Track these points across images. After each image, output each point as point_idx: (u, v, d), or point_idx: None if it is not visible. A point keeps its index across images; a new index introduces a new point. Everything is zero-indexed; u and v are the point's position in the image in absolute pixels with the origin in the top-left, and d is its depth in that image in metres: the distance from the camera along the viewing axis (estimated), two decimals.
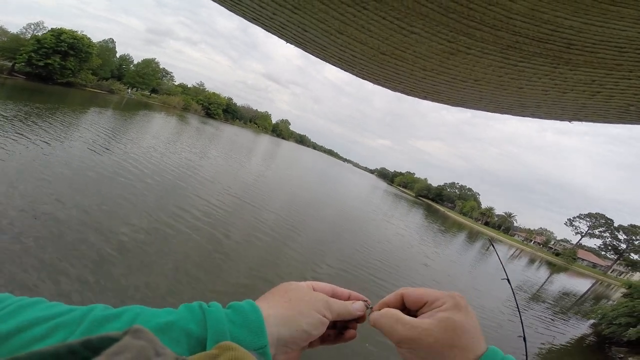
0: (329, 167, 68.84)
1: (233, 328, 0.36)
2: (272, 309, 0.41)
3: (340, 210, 18.22)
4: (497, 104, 0.44)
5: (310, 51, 0.39)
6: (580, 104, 0.38)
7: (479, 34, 0.29)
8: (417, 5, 0.27)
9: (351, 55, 0.37)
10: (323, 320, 0.44)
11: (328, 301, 0.46)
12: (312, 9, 0.30)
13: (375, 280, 8.79)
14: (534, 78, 0.34)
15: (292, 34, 0.36)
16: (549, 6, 0.25)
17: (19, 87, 25.72)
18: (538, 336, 9.96)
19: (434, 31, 0.30)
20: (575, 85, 0.34)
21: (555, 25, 0.27)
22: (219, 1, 0.35)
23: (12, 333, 0.29)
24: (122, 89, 50.39)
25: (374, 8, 0.28)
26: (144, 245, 6.05)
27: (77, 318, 0.32)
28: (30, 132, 10.99)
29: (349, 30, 0.32)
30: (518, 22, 0.27)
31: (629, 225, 64.41)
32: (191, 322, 0.35)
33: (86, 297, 4.25)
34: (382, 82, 0.43)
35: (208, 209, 9.31)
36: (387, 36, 0.31)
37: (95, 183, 8.23)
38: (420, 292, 0.47)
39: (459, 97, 0.44)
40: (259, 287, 5.99)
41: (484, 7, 0.26)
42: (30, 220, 5.52)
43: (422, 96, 0.46)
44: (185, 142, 21.74)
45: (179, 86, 72.16)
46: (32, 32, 36.03)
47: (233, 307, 0.39)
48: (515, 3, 0.25)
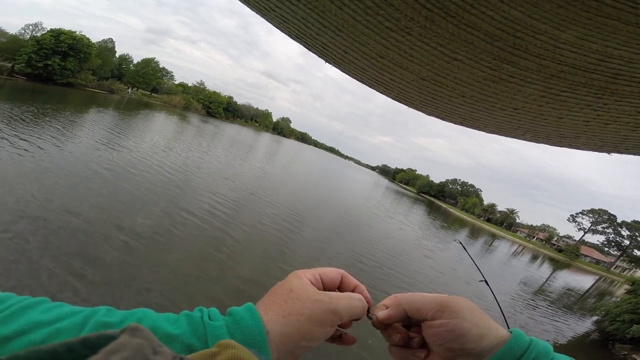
0: (331, 165, 68.79)
1: None
2: (270, 323, 0.39)
3: (343, 208, 18.18)
4: (534, 133, 0.42)
5: (348, 72, 0.39)
6: (622, 136, 0.36)
7: (523, 62, 0.29)
8: (463, 32, 0.27)
9: (390, 78, 0.36)
10: (327, 332, 0.42)
11: (334, 309, 0.42)
12: (354, 32, 0.30)
13: (380, 275, 8.76)
14: (576, 108, 0.33)
15: (333, 54, 0.36)
16: (599, 36, 0.24)
17: (19, 88, 25.75)
18: (541, 333, 9.92)
19: (477, 58, 0.29)
20: (619, 116, 0.33)
21: (604, 55, 0.26)
22: (267, 18, 0.35)
23: (12, 336, 0.29)
24: (123, 88, 50.41)
25: (417, 34, 0.28)
26: (148, 243, 6.03)
27: (79, 322, 0.32)
28: (30, 133, 10.98)
29: (390, 54, 0.31)
30: (565, 51, 0.26)
31: (632, 221, 64.08)
32: (193, 337, 0.34)
33: (89, 297, 4.19)
34: (418, 106, 0.43)
35: (213, 204, 9.29)
36: (429, 62, 0.31)
37: (98, 182, 8.22)
38: (425, 302, 0.45)
39: (495, 124, 0.43)
40: (263, 283, 5.94)
41: (531, 36, 0.25)
42: (33, 220, 5.50)
43: (459, 122, 0.45)
44: (187, 140, 21.72)
45: (179, 85, 72.17)
46: (30, 33, 36.07)
47: (234, 317, 0.38)
48: (564, 32, 0.24)
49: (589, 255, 67.50)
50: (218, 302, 5.11)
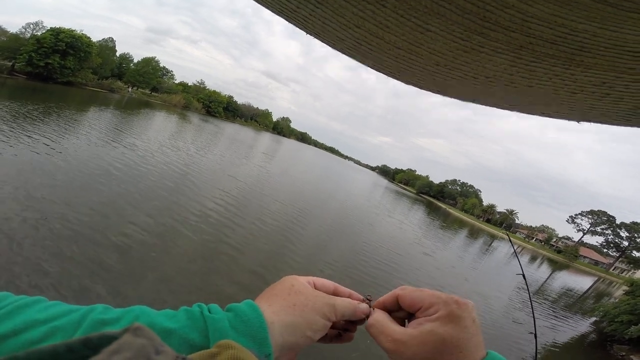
0: (331, 165, 68.76)
1: (237, 337, 0.35)
2: (275, 314, 0.40)
3: (343, 208, 18.18)
4: (507, 101, 0.44)
5: (328, 42, 0.40)
6: (589, 105, 0.38)
7: (493, 34, 0.30)
8: (435, 5, 0.28)
9: (367, 48, 0.37)
10: (327, 325, 0.44)
11: (333, 303, 0.45)
12: (333, 4, 0.31)
13: (378, 273, 8.76)
14: (545, 78, 0.34)
15: (313, 26, 0.37)
16: (565, 10, 0.25)
17: (20, 87, 25.77)
18: (540, 334, 9.92)
19: (449, 30, 0.30)
20: (585, 86, 0.34)
21: (569, 29, 0.27)
22: None
23: (9, 335, 0.29)
24: (123, 87, 50.39)
25: (392, 6, 0.29)
26: (148, 242, 6.04)
27: (75, 320, 0.32)
28: (31, 131, 11.00)
29: (366, 25, 0.33)
30: (533, 24, 0.27)
31: (631, 223, 64.10)
32: (193, 331, 0.34)
33: (87, 296, 4.22)
34: (395, 74, 0.44)
35: (212, 204, 9.28)
36: (404, 32, 0.32)
37: (98, 181, 8.23)
38: (415, 295, 0.44)
39: (470, 92, 0.44)
40: (262, 282, 5.97)
41: (500, 10, 0.27)
42: (34, 220, 5.51)
43: (435, 90, 0.47)
44: (188, 139, 21.72)
45: (179, 84, 72.03)
46: (31, 32, 36.02)
47: (234, 311, 0.38)
48: (532, 7, 0.25)
49: (587, 257, 67.52)
50: (218, 300, 5.16)
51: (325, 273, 7.66)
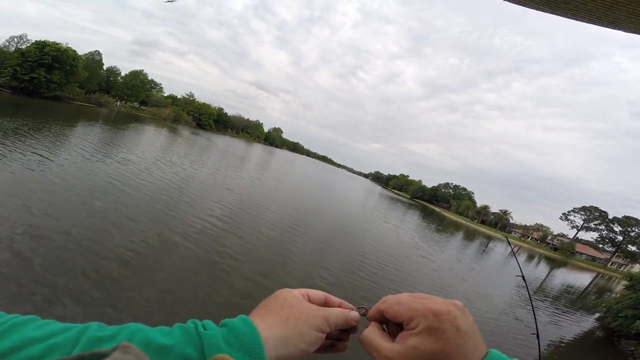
0: (324, 174, 68.61)
1: (231, 352, 0.35)
2: (269, 329, 0.40)
3: (339, 215, 17.95)
4: None
5: None
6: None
7: None
8: None
9: None
10: (321, 337, 0.44)
11: (326, 315, 0.45)
12: None
13: (377, 278, 8.47)
14: None
15: None
16: None
17: (5, 102, 25.13)
18: (545, 333, 9.66)
19: None
20: None
21: None
22: None
23: (7, 353, 0.28)
24: (111, 101, 49.80)
25: None
26: (143, 257, 5.76)
27: (72, 338, 0.32)
28: (17, 148, 10.54)
29: None
30: None
31: (623, 217, 64.94)
32: (189, 347, 0.34)
33: (83, 312, 3.97)
34: None
35: (209, 217, 9.03)
36: None
37: (91, 197, 7.89)
38: (395, 310, 0.43)
39: None
40: (262, 290, 5.81)
41: None
42: (23, 238, 5.17)
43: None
44: (181, 153, 21.33)
45: (168, 97, 71.68)
46: (15, 45, 35.51)
47: (228, 327, 0.38)
48: None
49: (584, 253, 67.95)
50: (212, 316, 4.88)
51: (324, 280, 7.46)
